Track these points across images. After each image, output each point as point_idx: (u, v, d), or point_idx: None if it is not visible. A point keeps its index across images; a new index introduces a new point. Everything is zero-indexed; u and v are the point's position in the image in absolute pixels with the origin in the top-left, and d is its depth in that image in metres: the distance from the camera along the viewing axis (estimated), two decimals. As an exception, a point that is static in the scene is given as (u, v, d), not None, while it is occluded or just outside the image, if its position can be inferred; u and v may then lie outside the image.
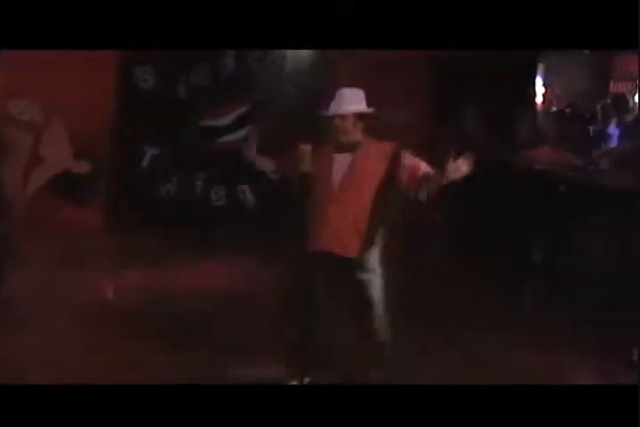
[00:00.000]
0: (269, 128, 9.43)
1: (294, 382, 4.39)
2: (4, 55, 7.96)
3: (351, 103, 4.42)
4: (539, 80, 10.70)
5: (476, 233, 8.78)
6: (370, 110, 4.49)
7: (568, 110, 9.90)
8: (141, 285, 7.02)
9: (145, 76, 9.38)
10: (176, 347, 5.37)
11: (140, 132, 9.38)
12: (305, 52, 9.38)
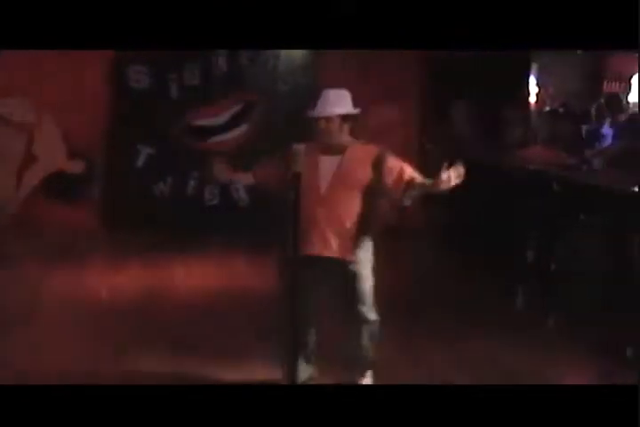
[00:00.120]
0: (263, 128, 9.46)
1: (286, 382, 4.38)
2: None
3: (336, 105, 4.38)
4: (532, 80, 10.71)
5: (468, 233, 8.78)
6: (356, 112, 4.44)
7: (561, 110, 9.90)
8: (135, 284, 7.01)
9: (138, 76, 9.37)
10: (169, 346, 5.36)
11: (134, 131, 9.36)
12: (298, 52, 9.37)
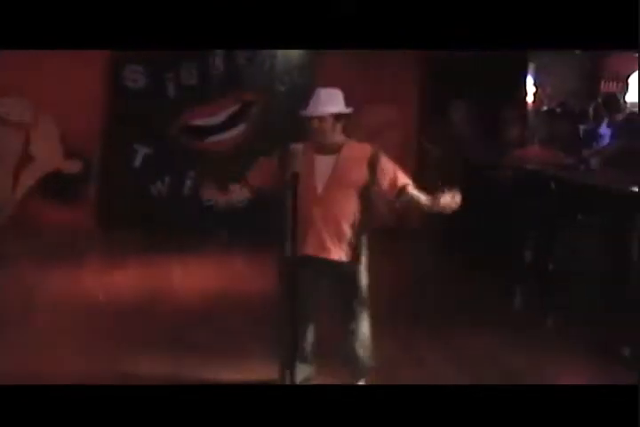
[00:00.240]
0: (260, 128, 9.45)
1: (284, 382, 4.37)
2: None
3: (328, 104, 4.37)
4: (530, 79, 10.72)
5: (466, 233, 8.77)
6: (348, 111, 4.43)
7: (559, 110, 9.92)
8: (132, 284, 7.00)
9: (135, 76, 9.36)
10: (167, 346, 5.35)
11: (131, 131, 9.35)
12: (296, 51, 9.36)
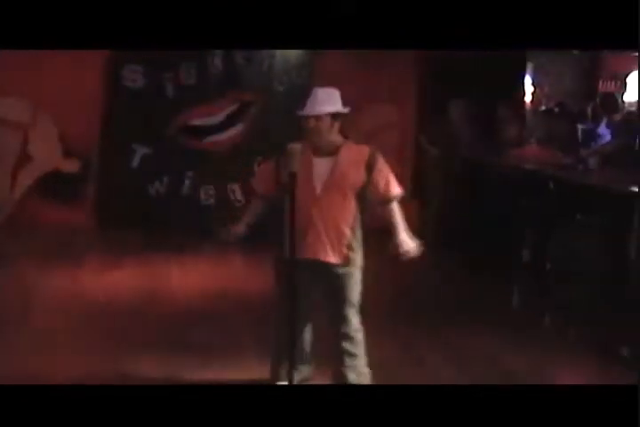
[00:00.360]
0: (259, 128, 9.45)
1: (282, 383, 4.37)
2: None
3: (325, 103, 4.32)
4: (528, 79, 10.71)
5: (464, 232, 8.78)
6: (345, 110, 4.38)
7: (557, 109, 9.91)
8: (130, 284, 7.01)
9: (133, 76, 9.36)
10: (162, 346, 5.36)
11: (129, 131, 9.35)
12: (295, 51, 9.36)
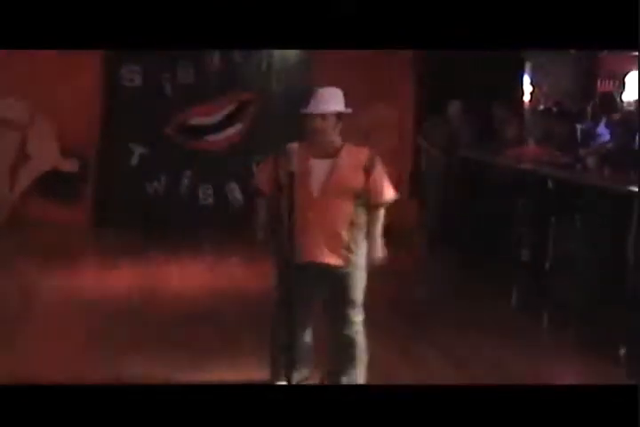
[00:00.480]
0: (257, 127, 9.46)
1: (281, 383, 4.36)
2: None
3: (332, 103, 4.25)
4: (526, 79, 10.73)
5: (461, 232, 8.80)
6: (349, 111, 4.31)
7: (555, 109, 9.92)
8: (128, 283, 7.00)
9: (131, 75, 9.36)
10: (163, 346, 5.35)
11: (127, 130, 9.35)
12: (292, 51, 9.35)
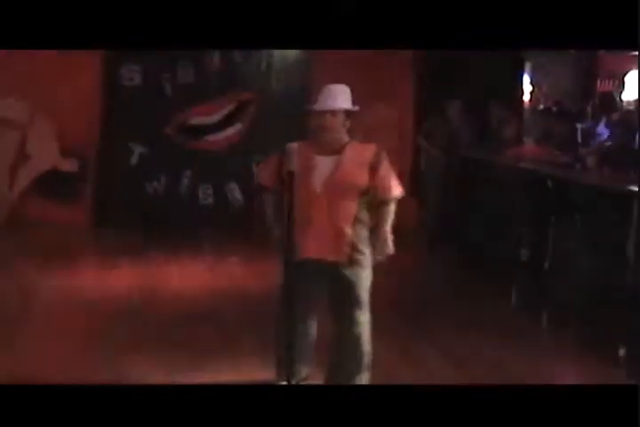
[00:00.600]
0: (257, 127, 9.46)
1: (282, 383, 4.36)
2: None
3: (341, 100, 4.23)
4: (526, 78, 10.73)
5: (460, 231, 8.80)
6: (357, 108, 4.30)
7: (555, 108, 9.92)
8: (128, 283, 7.00)
9: (131, 75, 9.36)
10: (163, 346, 5.35)
11: (127, 130, 9.36)
12: (292, 51, 9.35)
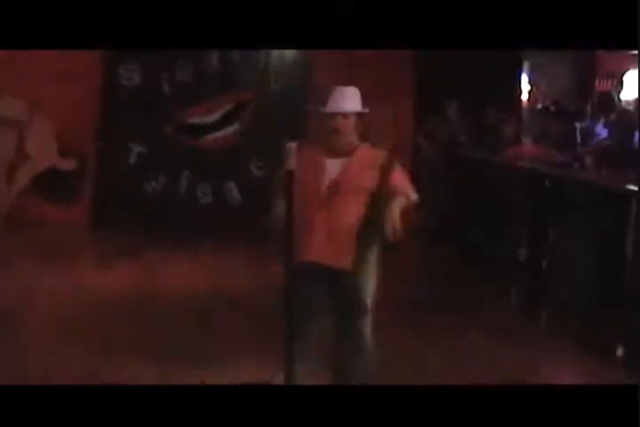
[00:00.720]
0: (256, 126, 9.45)
1: (282, 383, 4.35)
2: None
3: (353, 102, 4.15)
4: (524, 78, 10.75)
5: (459, 231, 8.82)
6: (367, 111, 4.20)
7: (553, 108, 9.94)
8: (127, 282, 7.01)
9: (130, 74, 9.36)
10: (162, 347, 5.36)
11: (126, 129, 9.35)
12: (290, 50, 9.35)
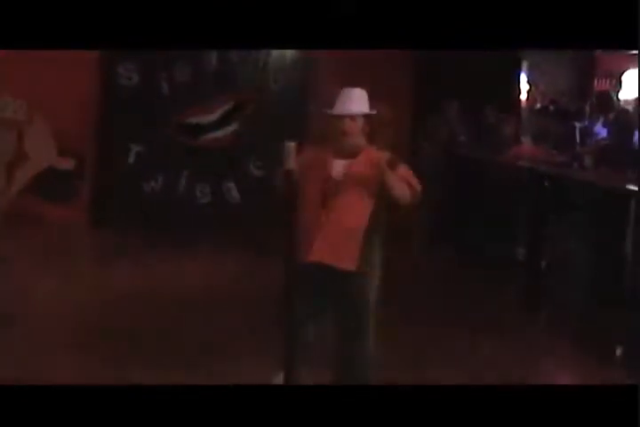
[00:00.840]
0: (254, 126, 9.45)
1: (283, 383, 4.35)
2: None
3: (360, 104, 4.15)
4: (523, 77, 10.75)
5: (461, 231, 8.81)
6: (374, 112, 4.19)
7: (552, 108, 9.95)
8: (125, 282, 7.01)
9: (128, 74, 9.35)
10: (162, 346, 5.36)
11: (124, 129, 9.35)
12: (289, 50, 9.35)
